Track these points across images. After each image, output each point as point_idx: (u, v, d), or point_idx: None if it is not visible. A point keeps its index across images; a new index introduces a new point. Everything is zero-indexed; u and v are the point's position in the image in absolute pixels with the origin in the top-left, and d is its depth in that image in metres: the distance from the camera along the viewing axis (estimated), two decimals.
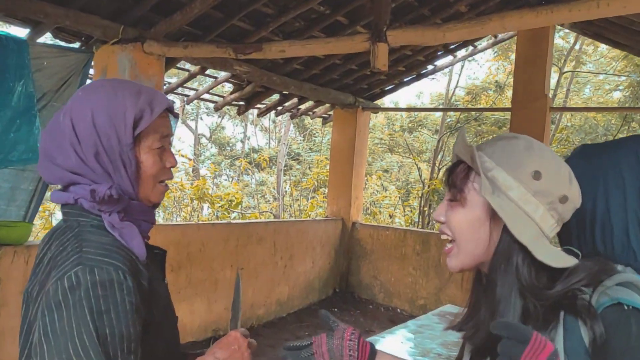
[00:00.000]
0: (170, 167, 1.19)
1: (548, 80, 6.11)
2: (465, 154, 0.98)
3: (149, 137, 1.13)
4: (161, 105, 1.15)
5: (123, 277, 1.00)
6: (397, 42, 3.21)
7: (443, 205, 1.02)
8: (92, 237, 1.06)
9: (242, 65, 5.15)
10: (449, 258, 1.01)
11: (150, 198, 1.17)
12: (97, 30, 3.97)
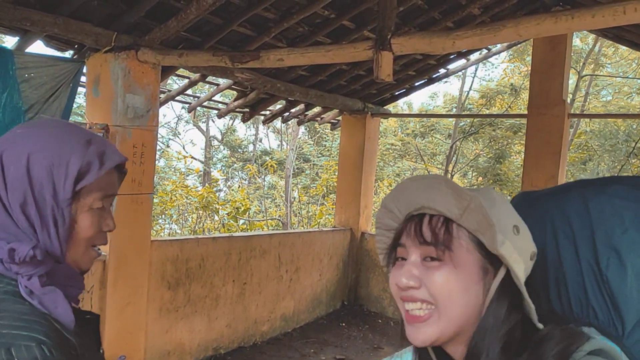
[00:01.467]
0: (107, 231, 1.04)
1: (566, 85, 5.81)
2: (453, 204, 0.83)
3: (91, 194, 0.97)
4: (113, 159, 1.00)
5: (49, 353, 0.84)
6: (402, 50, 2.97)
7: (410, 265, 0.85)
8: (7, 306, 0.88)
9: (244, 73, 4.93)
10: (423, 327, 0.83)
11: (80, 264, 1.02)
12: (88, 38, 3.79)
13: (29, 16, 3.43)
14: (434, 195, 0.84)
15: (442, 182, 0.85)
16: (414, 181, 0.89)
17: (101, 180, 0.98)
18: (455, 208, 0.83)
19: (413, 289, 0.84)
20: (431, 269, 0.83)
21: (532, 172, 5.80)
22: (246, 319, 5.36)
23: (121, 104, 3.90)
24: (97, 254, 1.05)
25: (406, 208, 0.89)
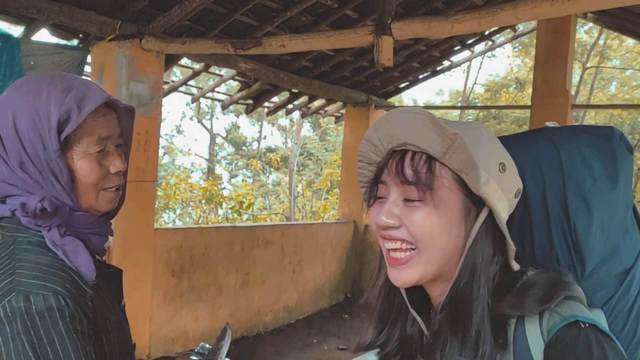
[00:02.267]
0: (117, 172, 1.03)
1: (570, 76, 5.80)
2: (436, 142, 0.80)
3: (82, 140, 0.97)
4: (94, 101, 0.97)
5: (64, 303, 0.87)
6: (402, 35, 2.98)
7: (391, 204, 0.82)
8: (28, 257, 0.92)
9: (247, 62, 4.97)
10: (405, 269, 0.83)
11: (96, 207, 1.02)
12: (93, 26, 3.83)
13: (35, 4, 3.48)
14: (417, 131, 0.81)
15: (426, 117, 0.81)
16: (399, 114, 0.84)
17: (89, 125, 0.97)
18: (439, 146, 0.80)
19: (393, 228, 0.83)
20: (411, 209, 0.82)
21: None
22: (249, 309, 5.40)
23: (125, 92, 3.94)
24: (115, 194, 1.04)
25: (389, 142, 0.86)
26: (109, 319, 1.00)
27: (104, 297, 1.02)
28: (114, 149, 1.03)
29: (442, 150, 0.79)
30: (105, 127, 1.00)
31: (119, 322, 1.05)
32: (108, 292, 1.07)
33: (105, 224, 1.06)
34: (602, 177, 0.93)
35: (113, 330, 1.01)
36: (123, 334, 1.06)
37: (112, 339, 1.00)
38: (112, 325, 1.01)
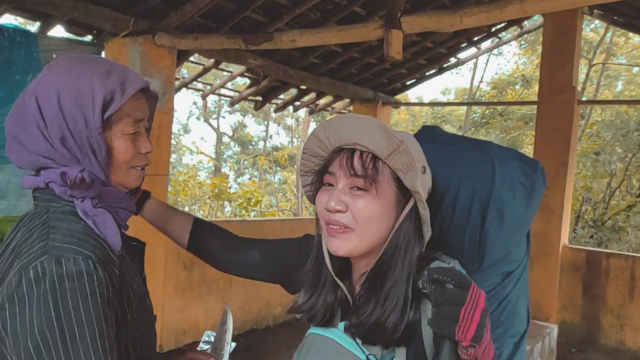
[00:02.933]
0: (146, 153, 1.12)
1: (576, 72, 5.84)
2: (383, 145, 0.97)
3: (121, 121, 1.04)
4: (134, 85, 1.04)
5: (93, 267, 0.91)
6: (412, 28, 3.05)
7: (339, 192, 0.99)
8: (61, 225, 0.98)
9: (256, 59, 5.04)
10: (340, 241, 0.99)
11: (125, 184, 1.11)
12: (107, 22, 3.91)
13: (51, 1, 3.56)
14: (368, 135, 0.97)
15: (377, 125, 0.98)
16: (350, 119, 1.00)
17: (128, 107, 1.04)
18: (385, 149, 0.97)
19: (340, 213, 0.98)
20: (357, 197, 0.98)
21: (543, 158, 5.78)
22: (259, 302, 5.47)
23: None
24: (142, 173, 1.13)
25: (337, 141, 1.01)
26: (132, 287, 1.05)
27: (128, 267, 1.08)
28: (144, 131, 1.11)
29: (387, 152, 0.97)
30: (140, 110, 1.08)
31: (141, 292, 1.11)
32: (132, 263, 1.13)
33: (130, 200, 1.14)
34: (520, 200, 1.18)
35: (135, 299, 1.06)
36: (144, 304, 1.12)
37: (133, 308, 1.05)
38: (134, 294, 1.06)
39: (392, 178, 1.00)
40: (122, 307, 1.01)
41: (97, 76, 1.00)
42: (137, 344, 1.07)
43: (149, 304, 1.17)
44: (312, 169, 1.10)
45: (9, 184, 3.71)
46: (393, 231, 1.00)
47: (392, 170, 1.00)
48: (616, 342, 5.60)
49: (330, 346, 1.05)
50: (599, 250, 6.47)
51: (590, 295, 5.78)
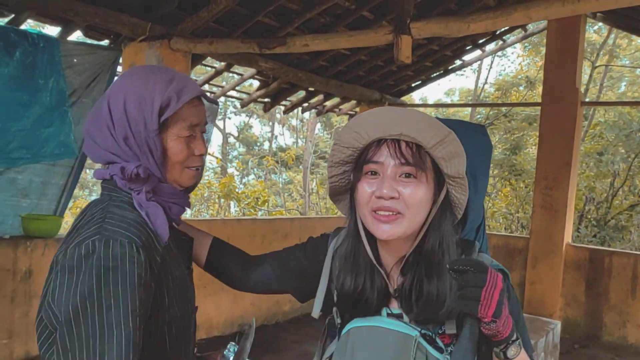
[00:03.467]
0: (200, 155, 1.21)
1: (579, 74, 5.96)
2: (431, 135, 1.05)
3: (176, 124, 1.16)
4: (189, 94, 1.16)
5: (135, 251, 1.03)
6: (420, 34, 3.18)
7: (390, 180, 1.05)
8: (117, 211, 1.11)
9: (267, 62, 5.17)
10: (391, 226, 1.05)
11: (180, 182, 1.21)
12: (125, 27, 4.04)
13: (73, 7, 3.70)
14: (415, 126, 1.04)
15: (423, 116, 1.06)
16: (395, 111, 1.07)
17: (184, 112, 1.15)
18: (432, 139, 1.04)
19: (393, 199, 1.04)
20: (407, 184, 1.05)
21: (546, 159, 5.96)
22: (269, 299, 5.60)
23: None
24: (196, 172, 1.23)
25: (378, 132, 1.06)
26: (172, 275, 1.15)
27: (172, 257, 1.19)
28: (200, 135, 1.21)
29: (434, 142, 1.04)
30: (195, 115, 1.19)
31: (183, 282, 1.20)
32: (178, 255, 1.24)
33: (184, 197, 1.24)
34: (483, 162, 1.32)
35: (174, 286, 1.15)
36: (185, 293, 1.20)
37: (171, 294, 1.14)
38: (174, 281, 1.15)
39: (432, 166, 1.08)
40: (160, 291, 1.10)
41: (159, 84, 1.13)
42: (172, 328, 1.15)
43: (191, 295, 1.25)
44: (343, 160, 1.14)
45: (32, 184, 3.87)
46: (431, 216, 1.08)
47: (432, 159, 1.07)
48: (619, 339, 5.71)
49: (377, 333, 1.08)
50: (601, 248, 6.58)
51: (593, 293, 5.89)
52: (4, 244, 3.44)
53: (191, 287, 1.26)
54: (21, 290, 3.52)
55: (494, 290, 0.94)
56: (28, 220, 3.61)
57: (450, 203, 1.12)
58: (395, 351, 1.06)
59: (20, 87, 3.46)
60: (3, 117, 3.38)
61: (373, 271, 1.12)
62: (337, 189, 1.20)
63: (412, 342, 1.05)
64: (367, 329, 1.09)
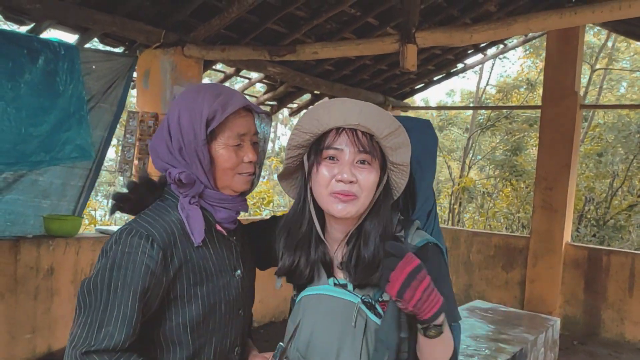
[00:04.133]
0: (249, 162, 1.30)
1: (578, 78, 6.11)
2: (384, 127, 1.17)
3: (224, 134, 1.26)
4: (234, 105, 1.25)
5: (149, 245, 1.17)
6: (425, 43, 3.33)
7: (349, 165, 1.17)
8: (155, 210, 1.27)
9: (275, 67, 5.33)
10: (348, 204, 1.18)
11: (233, 187, 1.30)
12: (140, 35, 4.20)
13: (92, 16, 3.87)
14: (371, 118, 1.16)
15: (377, 109, 1.18)
16: (354, 104, 1.17)
17: (231, 123, 1.25)
18: (385, 130, 1.17)
19: (351, 183, 1.17)
20: (362, 169, 1.18)
21: (546, 160, 6.12)
22: (276, 296, 5.76)
23: (169, 95, 4.32)
24: (248, 178, 1.31)
25: (338, 122, 1.17)
26: (205, 272, 1.24)
27: (208, 257, 1.26)
28: (249, 143, 1.30)
29: (386, 133, 1.18)
30: (242, 125, 1.28)
31: (220, 282, 1.27)
32: (220, 258, 1.30)
33: (236, 202, 1.32)
34: (428, 153, 1.45)
35: (206, 284, 1.24)
36: (221, 294, 1.27)
37: (199, 291, 1.23)
38: (207, 279, 1.24)
39: (380, 154, 1.21)
40: (180, 285, 1.21)
41: (207, 98, 1.25)
42: (189, 327, 1.22)
43: (235, 299, 1.30)
44: (300, 144, 1.22)
45: (52, 185, 4.03)
46: (375, 196, 1.21)
47: (380, 147, 1.20)
48: (616, 335, 5.86)
49: (324, 300, 1.23)
50: (600, 247, 6.73)
51: (592, 291, 6.04)
52: (28, 243, 3.60)
53: (237, 292, 1.31)
54: (44, 287, 3.69)
55: (401, 274, 1.07)
56: (50, 220, 3.78)
57: (389, 186, 1.25)
58: (339, 315, 1.21)
59: (42, 93, 3.62)
60: (25, 123, 3.54)
61: (314, 246, 1.25)
62: (289, 170, 1.29)
63: (354, 308, 1.20)
64: (316, 297, 1.24)
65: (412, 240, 1.25)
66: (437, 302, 1.10)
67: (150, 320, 1.21)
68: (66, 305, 3.83)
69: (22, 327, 3.60)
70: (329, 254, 1.26)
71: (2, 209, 3.79)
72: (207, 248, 1.27)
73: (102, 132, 4.20)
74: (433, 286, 1.10)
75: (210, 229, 1.30)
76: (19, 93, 3.49)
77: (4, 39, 3.47)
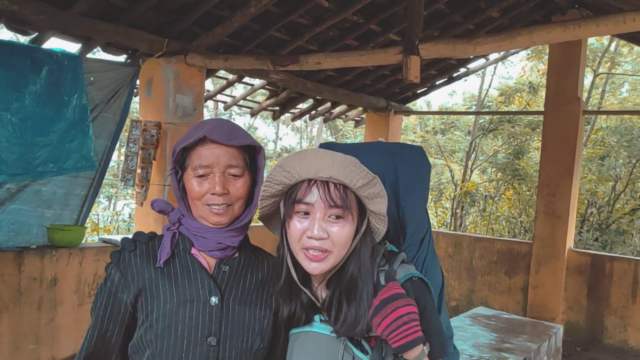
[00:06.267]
0: (215, 194, 1.23)
1: (581, 84, 6.10)
2: (357, 178, 1.15)
3: (190, 165, 1.26)
4: (193, 138, 1.23)
5: (113, 267, 1.28)
6: (429, 54, 3.33)
7: (320, 221, 1.15)
8: (147, 237, 1.35)
9: (278, 74, 5.33)
10: (320, 263, 1.16)
11: (206, 219, 1.27)
12: (143, 44, 4.21)
13: (95, 26, 3.87)
14: (343, 170, 1.14)
15: (350, 161, 1.15)
16: (324, 155, 1.15)
17: (195, 154, 1.24)
18: (358, 181, 1.15)
19: (322, 239, 1.14)
20: (335, 224, 1.15)
21: (549, 165, 6.11)
22: None
23: (172, 104, 4.32)
24: (218, 211, 1.24)
25: (309, 174, 1.15)
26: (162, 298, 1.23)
27: (172, 281, 1.25)
28: (218, 175, 1.23)
29: (359, 184, 1.16)
30: (206, 157, 1.23)
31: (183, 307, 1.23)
32: (189, 281, 1.26)
33: (218, 232, 1.27)
34: (419, 179, 1.46)
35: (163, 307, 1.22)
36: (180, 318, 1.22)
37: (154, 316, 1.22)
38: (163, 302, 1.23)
39: (356, 203, 1.18)
40: (141, 302, 1.24)
41: (185, 134, 1.28)
42: (149, 343, 1.22)
43: (201, 325, 1.24)
44: (273, 194, 1.20)
45: (55, 195, 4.04)
46: (353, 245, 1.18)
47: (357, 197, 1.18)
48: (620, 342, 5.85)
49: (310, 337, 1.24)
50: (603, 253, 6.73)
51: (595, 297, 6.03)
52: (32, 254, 3.61)
53: (208, 317, 1.25)
54: (47, 298, 3.69)
55: (376, 300, 1.13)
56: (53, 230, 3.78)
57: (370, 230, 1.23)
58: (326, 352, 1.21)
59: (47, 103, 3.63)
60: (31, 133, 3.55)
61: (300, 292, 1.24)
62: (266, 214, 1.27)
63: (340, 345, 1.20)
64: (303, 334, 1.25)
65: (397, 274, 1.22)
66: (410, 335, 1.10)
67: None
68: (69, 315, 3.84)
69: (26, 337, 3.60)
70: (314, 294, 1.25)
71: (6, 219, 3.80)
72: (172, 269, 1.27)
73: (106, 142, 4.20)
74: (412, 318, 1.11)
75: (185, 253, 1.29)
76: (23, 104, 3.50)
77: (8, 51, 3.48)
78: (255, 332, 1.29)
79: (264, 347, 1.31)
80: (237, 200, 1.27)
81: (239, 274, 1.33)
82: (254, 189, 1.31)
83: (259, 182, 1.30)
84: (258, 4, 4.06)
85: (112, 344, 1.27)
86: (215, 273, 1.29)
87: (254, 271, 1.36)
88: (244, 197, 1.28)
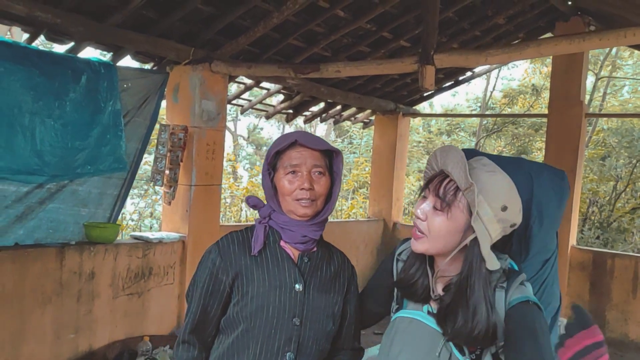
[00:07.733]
0: (303, 189, 1.44)
1: (584, 88, 6.34)
2: (462, 181, 1.21)
3: (281, 166, 1.49)
4: (284, 144, 1.49)
5: (213, 252, 1.51)
6: (443, 64, 3.58)
7: (425, 207, 1.27)
8: (241, 230, 1.58)
9: (294, 79, 5.58)
10: (417, 241, 1.29)
11: (295, 212, 1.48)
12: (171, 52, 4.46)
13: (127, 36, 4.13)
14: (454, 167, 1.22)
15: (463, 160, 1.21)
16: (450, 151, 1.24)
17: (285, 157, 1.47)
18: (463, 183, 1.21)
19: (420, 220, 1.28)
20: (434, 213, 1.26)
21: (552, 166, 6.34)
22: None
23: (197, 109, 4.58)
24: (306, 204, 1.45)
25: (440, 166, 1.28)
26: (254, 282, 1.46)
27: (264, 268, 1.47)
28: (305, 174, 1.45)
29: (464, 187, 1.22)
30: (295, 158, 1.46)
31: (274, 290, 1.45)
32: (278, 269, 1.48)
33: (303, 226, 1.48)
34: (553, 202, 1.50)
35: (255, 297, 1.45)
36: (272, 300, 1.45)
37: (249, 298, 1.45)
38: (257, 288, 1.45)
39: (468, 208, 1.22)
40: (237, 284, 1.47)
41: (277, 142, 1.53)
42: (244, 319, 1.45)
43: (288, 307, 1.45)
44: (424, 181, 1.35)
45: (90, 195, 4.30)
46: (458, 247, 1.23)
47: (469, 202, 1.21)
48: (621, 335, 6.10)
49: (415, 324, 1.31)
50: (604, 250, 6.97)
51: (597, 292, 6.28)
52: (72, 249, 3.87)
53: (293, 301, 1.46)
54: (85, 290, 3.95)
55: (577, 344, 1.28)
56: (90, 227, 4.04)
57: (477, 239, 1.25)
58: (426, 342, 1.27)
59: (85, 109, 3.89)
60: (71, 137, 3.81)
61: (425, 271, 1.35)
62: None
63: (441, 339, 1.25)
64: (409, 320, 1.33)
65: (512, 294, 1.24)
66: None
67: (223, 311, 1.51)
68: (105, 307, 4.10)
69: (66, 327, 3.86)
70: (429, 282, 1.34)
71: (45, 217, 4.05)
72: (264, 258, 1.50)
73: (137, 144, 4.46)
74: None
75: (275, 244, 1.52)
76: (64, 110, 3.76)
77: (50, 61, 3.73)
78: (329, 316, 1.52)
79: (334, 329, 1.55)
80: (319, 197, 1.48)
81: (317, 265, 1.55)
82: (331, 189, 1.53)
83: (337, 182, 1.52)
84: (280, 15, 4.32)
85: (211, 317, 1.51)
86: (299, 263, 1.51)
87: (328, 263, 1.59)
88: (324, 194, 1.49)
